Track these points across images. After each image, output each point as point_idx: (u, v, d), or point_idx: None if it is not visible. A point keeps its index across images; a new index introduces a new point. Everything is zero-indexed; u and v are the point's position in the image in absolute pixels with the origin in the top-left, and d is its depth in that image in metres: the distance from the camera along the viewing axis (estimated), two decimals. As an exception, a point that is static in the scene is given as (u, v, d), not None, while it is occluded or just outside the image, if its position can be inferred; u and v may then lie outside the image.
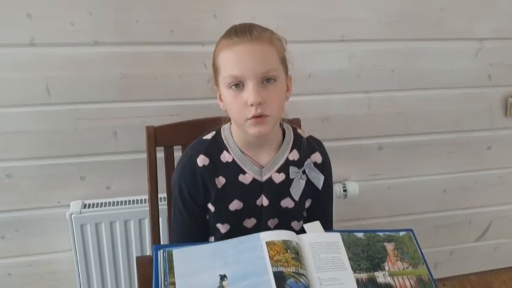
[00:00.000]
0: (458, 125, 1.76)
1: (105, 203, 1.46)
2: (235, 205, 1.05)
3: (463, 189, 1.88)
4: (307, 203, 1.11)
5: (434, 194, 1.85)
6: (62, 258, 1.53)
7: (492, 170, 1.88)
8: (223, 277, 0.81)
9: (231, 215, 1.05)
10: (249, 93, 0.94)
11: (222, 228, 1.06)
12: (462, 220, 1.93)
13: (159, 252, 0.85)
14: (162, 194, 1.33)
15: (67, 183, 1.46)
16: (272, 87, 0.96)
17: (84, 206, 1.44)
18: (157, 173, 1.29)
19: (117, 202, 1.47)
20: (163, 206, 1.34)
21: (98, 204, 1.46)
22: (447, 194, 1.86)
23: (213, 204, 1.06)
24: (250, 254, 0.85)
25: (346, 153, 1.67)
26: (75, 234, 1.42)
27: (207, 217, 1.08)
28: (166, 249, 0.85)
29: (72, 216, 1.41)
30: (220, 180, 1.04)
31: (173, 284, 0.81)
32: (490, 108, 1.77)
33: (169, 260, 0.84)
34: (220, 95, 1.02)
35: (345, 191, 1.66)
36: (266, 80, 0.95)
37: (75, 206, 1.44)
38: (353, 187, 1.67)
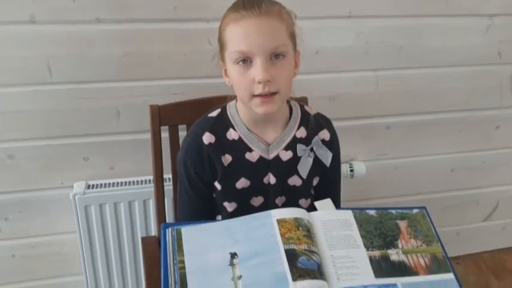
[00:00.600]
0: (466, 104, 1.73)
1: (109, 183, 1.44)
2: (242, 183, 1.03)
3: (470, 169, 1.85)
4: (315, 181, 1.09)
5: (442, 173, 1.83)
6: (65, 239, 1.52)
7: (500, 150, 1.86)
8: (233, 255, 0.79)
9: (238, 194, 1.03)
10: (257, 70, 0.91)
11: (229, 206, 1.04)
12: (470, 200, 1.91)
13: (167, 230, 0.83)
14: (167, 175, 1.31)
15: (70, 164, 1.44)
16: (281, 63, 0.93)
17: (88, 187, 1.42)
18: (162, 153, 1.26)
19: (121, 183, 1.44)
20: (168, 187, 1.32)
21: (101, 185, 1.43)
22: (455, 174, 1.84)
23: (219, 182, 1.03)
24: (261, 232, 0.82)
25: (354, 133, 1.65)
26: (79, 215, 1.40)
27: (214, 196, 1.06)
28: (175, 227, 0.83)
29: (76, 197, 1.39)
30: (227, 158, 1.02)
31: (182, 262, 0.79)
32: (500, 86, 1.74)
33: (178, 239, 0.81)
34: (225, 71, 0.99)
35: (351, 171, 1.64)
36: (275, 56, 0.92)
37: (78, 187, 1.42)
38: (360, 167, 1.65)
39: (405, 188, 1.79)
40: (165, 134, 1.27)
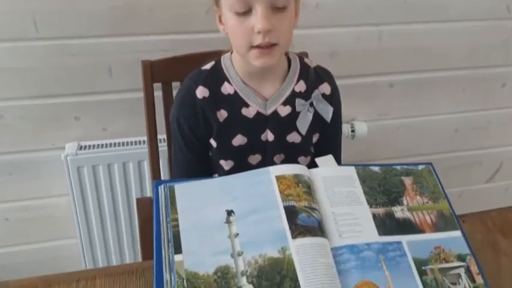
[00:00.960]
0: (472, 61, 1.67)
1: (102, 144, 1.39)
2: (238, 140, 0.98)
3: (475, 129, 1.81)
4: (315, 138, 1.03)
5: (446, 134, 1.78)
6: (59, 202, 1.48)
7: (506, 109, 1.80)
8: (230, 212, 0.75)
9: (234, 151, 0.98)
10: (258, 19, 0.84)
11: (226, 165, 0.99)
12: (473, 161, 1.87)
13: (160, 187, 0.78)
14: (162, 136, 1.26)
15: (61, 124, 1.39)
16: (282, 14, 0.87)
17: (80, 148, 1.37)
18: (156, 112, 1.21)
19: (115, 144, 1.40)
20: (163, 148, 1.27)
21: (94, 146, 1.39)
22: (459, 134, 1.79)
23: (215, 139, 0.98)
24: (259, 188, 0.78)
25: (355, 92, 1.59)
26: (71, 177, 1.36)
27: (210, 154, 1.01)
28: (168, 184, 0.78)
29: (68, 158, 1.34)
30: (222, 114, 0.96)
31: (175, 220, 0.74)
32: (506, 42, 1.67)
33: (171, 196, 0.77)
34: (220, 17, 0.92)
35: (352, 131, 1.59)
36: (276, 7, 0.85)
37: (70, 147, 1.37)
38: (361, 127, 1.60)
39: (408, 149, 1.74)
40: (158, 93, 1.22)
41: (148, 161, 1.26)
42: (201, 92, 0.96)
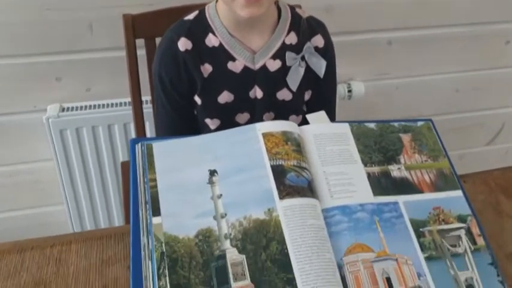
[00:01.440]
0: (475, 16, 1.58)
1: (86, 106, 1.33)
2: (225, 97, 0.91)
3: (476, 89, 1.74)
4: (307, 95, 0.97)
5: (446, 94, 1.71)
6: (44, 167, 1.42)
7: (509, 68, 1.73)
8: (213, 172, 0.69)
9: (220, 109, 0.92)
10: None
11: (212, 124, 0.93)
12: (474, 123, 1.81)
13: (136, 146, 0.72)
14: (148, 97, 1.20)
15: (42, 85, 1.32)
16: None
17: (63, 110, 1.31)
18: (140, 72, 1.14)
19: (99, 105, 1.33)
20: (149, 109, 1.21)
21: (77, 107, 1.32)
22: (459, 95, 1.73)
23: (199, 96, 0.92)
24: (244, 147, 0.72)
25: (352, 50, 1.51)
26: (54, 140, 1.30)
27: (195, 112, 0.95)
28: (145, 142, 0.72)
29: (50, 120, 1.28)
30: (206, 68, 0.90)
31: (154, 180, 0.69)
32: (512, -3, 1.59)
33: (149, 155, 0.71)
34: None
35: (349, 91, 1.53)
36: None
37: (52, 109, 1.31)
38: (358, 87, 1.54)
39: (406, 110, 1.68)
40: (142, 52, 1.14)
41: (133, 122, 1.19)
42: (184, 44, 0.89)
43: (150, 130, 1.29)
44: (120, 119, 1.32)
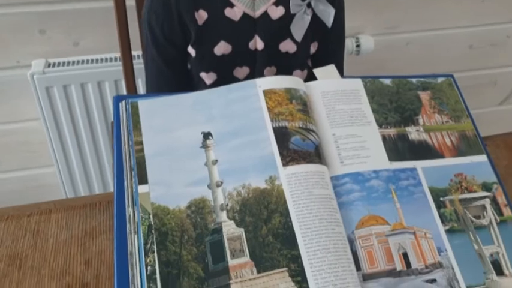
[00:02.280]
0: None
1: (73, 61, 1.24)
2: (221, 48, 0.82)
3: (492, 45, 1.64)
4: (313, 48, 0.88)
5: (459, 50, 1.62)
6: (31, 127, 1.35)
7: (528, 23, 1.62)
8: (207, 135, 0.61)
9: (217, 62, 0.83)
10: None
11: (207, 78, 0.85)
12: (487, 81, 1.73)
13: (120, 104, 0.64)
14: (140, 52, 1.10)
15: (25, 38, 1.22)
16: None
17: (48, 65, 1.22)
18: (130, 24, 1.03)
19: (87, 60, 1.24)
20: (141, 65, 1.11)
21: (64, 63, 1.23)
22: (473, 51, 1.63)
23: (193, 46, 0.83)
24: (243, 106, 0.63)
25: (360, 2, 1.40)
26: (40, 98, 1.22)
27: (189, 66, 0.85)
28: (130, 100, 0.64)
29: (35, 76, 1.19)
30: (201, 15, 0.80)
31: (140, 143, 0.60)
32: None
33: (134, 114, 0.63)
34: None
35: (357, 46, 1.44)
36: None
37: (37, 65, 1.22)
38: (367, 42, 1.45)
39: (417, 67, 1.59)
40: (132, 2, 1.04)
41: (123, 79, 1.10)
42: (175, -13, 0.79)
43: (142, 87, 1.20)
44: (111, 76, 1.23)
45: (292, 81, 0.67)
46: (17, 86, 1.26)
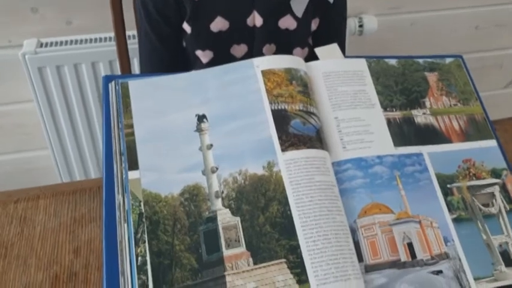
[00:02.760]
0: None
1: (66, 41, 1.20)
2: (218, 24, 0.78)
3: (498, 26, 1.59)
4: (314, 25, 0.84)
5: (465, 31, 1.57)
6: (25, 109, 1.31)
7: (536, 2, 1.57)
8: (201, 118, 0.58)
9: (213, 39, 0.79)
10: None
11: (203, 56, 0.81)
12: (492, 63, 1.68)
13: (110, 84, 0.60)
14: (135, 31, 1.05)
15: (16, 16, 1.18)
16: None
17: (41, 45, 1.18)
18: (125, 2, 0.99)
19: (81, 40, 1.20)
20: (136, 45, 1.07)
21: (57, 42, 1.19)
22: (479, 32, 1.59)
23: (189, 23, 0.79)
24: (240, 87, 0.60)
25: (364, -20, 1.36)
26: (33, 79, 1.18)
27: (184, 44, 0.81)
28: (120, 80, 0.60)
29: (26, 56, 1.15)
30: (197, -11, 0.76)
31: (130, 126, 0.57)
32: None
33: (124, 95, 0.59)
34: None
35: (360, 26, 1.39)
36: None
37: (29, 44, 1.18)
38: (371, 22, 1.40)
39: (422, 48, 1.54)
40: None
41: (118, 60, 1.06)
42: (170, -41, 0.75)
43: (138, 68, 1.16)
44: (105, 56, 1.19)
45: (292, 61, 0.63)
46: (9, 66, 1.23)
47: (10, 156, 1.41)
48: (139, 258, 0.51)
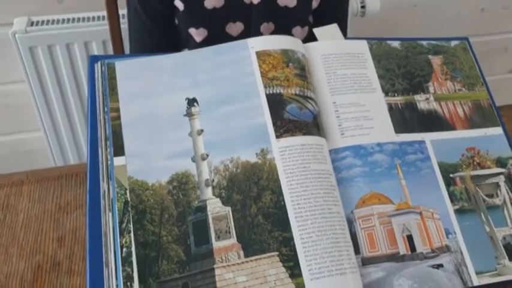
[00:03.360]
0: None
1: (58, 20, 1.16)
2: (212, 1, 0.75)
3: (504, 8, 1.55)
4: (315, 2, 0.80)
5: (470, 14, 1.53)
6: (16, 89, 1.28)
7: (544, -16, 1.53)
8: (191, 102, 0.55)
9: (207, 16, 0.76)
10: None
11: (197, 34, 0.77)
12: (498, 47, 1.64)
13: (95, 65, 0.57)
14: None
15: (5, -6, 1.14)
16: None
17: (32, 24, 1.14)
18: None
19: (73, 19, 1.16)
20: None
21: (48, 21, 1.15)
22: (485, 15, 1.54)
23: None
24: (233, 69, 0.57)
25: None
26: (24, 59, 1.14)
27: (176, 21, 0.78)
28: (106, 61, 0.57)
29: (17, 36, 1.12)
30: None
31: (116, 110, 0.54)
32: None
33: (111, 77, 0.56)
34: None
35: (362, 7, 1.35)
36: None
37: (19, 23, 1.14)
38: (373, 2, 1.35)
39: (425, 31, 1.49)
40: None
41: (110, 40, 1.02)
42: None
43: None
44: (98, 36, 1.15)
45: (289, 41, 0.60)
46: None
47: (1, 138, 1.38)
48: (124, 249, 0.48)
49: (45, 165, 1.27)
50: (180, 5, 0.76)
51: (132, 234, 0.49)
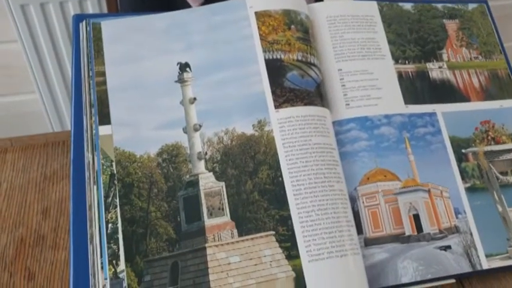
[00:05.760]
0: None
1: (51, -25, 1.09)
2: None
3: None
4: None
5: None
6: (9, 50, 1.22)
7: None
8: (184, 67, 0.50)
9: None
10: None
11: (193, 0, 0.71)
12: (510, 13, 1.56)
13: (80, 25, 0.52)
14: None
15: None
16: None
17: (22, -20, 1.08)
18: None
19: (67, -25, 1.09)
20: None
21: (40, -23, 1.09)
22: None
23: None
24: (229, 31, 0.52)
25: None
26: (16, 17, 1.09)
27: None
28: (91, 20, 0.52)
29: (7, -7, 1.05)
30: None
31: (102, 74, 0.50)
32: None
33: (96, 38, 0.51)
34: None
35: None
36: None
37: (9, -21, 1.07)
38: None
39: None
40: None
41: (105, -3, 0.97)
42: None
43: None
44: (94, -7, 1.09)
45: (292, 1, 0.54)
46: (-11, 4, 1.14)
47: (-3, 99, 1.34)
48: (110, 225, 0.45)
49: (42, 130, 1.24)
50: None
51: (118, 210, 0.45)
